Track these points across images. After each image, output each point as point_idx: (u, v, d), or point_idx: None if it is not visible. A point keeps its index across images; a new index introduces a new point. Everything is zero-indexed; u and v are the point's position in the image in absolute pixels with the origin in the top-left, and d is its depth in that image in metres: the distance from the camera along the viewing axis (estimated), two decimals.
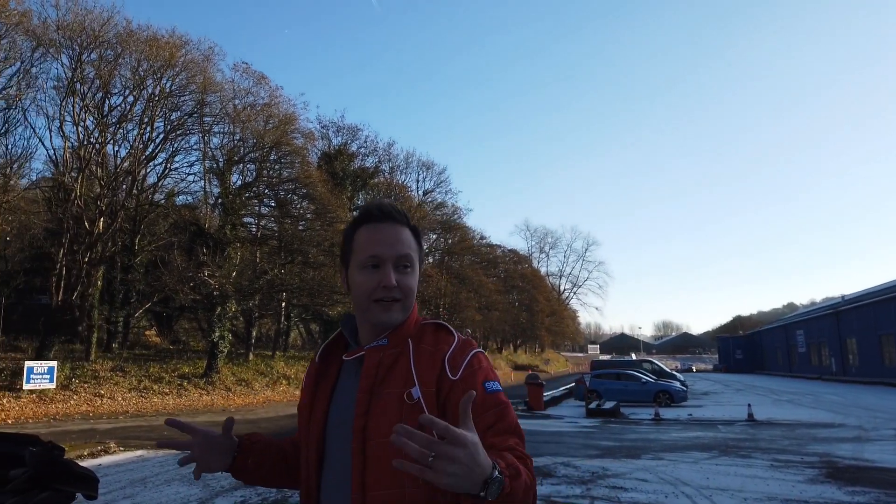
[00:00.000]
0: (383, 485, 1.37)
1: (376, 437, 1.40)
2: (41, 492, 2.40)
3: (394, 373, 1.47)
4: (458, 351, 1.49)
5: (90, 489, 2.65)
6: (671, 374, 30.98)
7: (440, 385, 1.44)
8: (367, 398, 1.44)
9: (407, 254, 1.53)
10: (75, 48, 25.19)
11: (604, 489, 7.99)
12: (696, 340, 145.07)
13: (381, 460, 1.38)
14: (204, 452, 1.57)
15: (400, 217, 1.57)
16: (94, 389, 22.28)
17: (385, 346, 1.51)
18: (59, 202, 25.90)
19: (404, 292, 1.52)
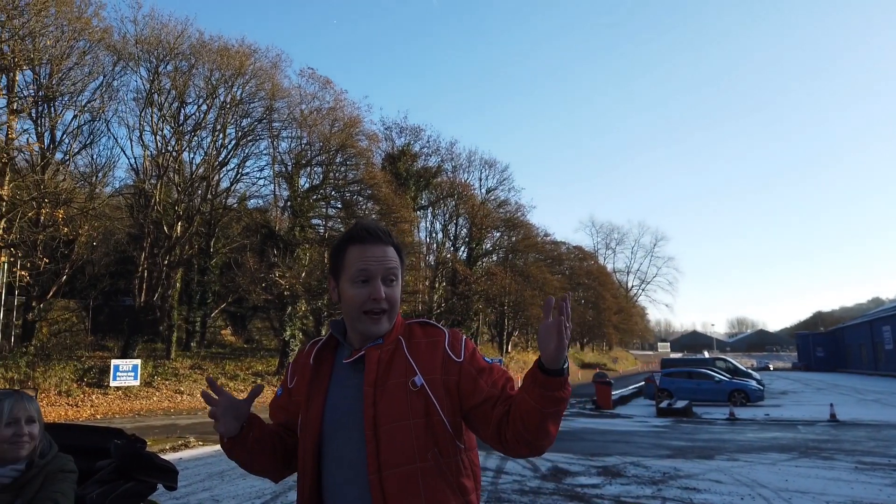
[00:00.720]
0: (396, 462, 1.56)
1: (386, 423, 1.60)
2: (125, 482, 2.56)
3: (394, 366, 1.67)
4: (454, 339, 1.74)
5: (170, 480, 2.81)
6: (746, 373, 29.83)
7: (447, 369, 1.67)
8: (373, 390, 1.63)
9: (393, 267, 1.73)
10: (152, 61, 26.44)
11: (676, 490, 7.80)
12: (773, 337, 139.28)
13: (394, 442, 1.58)
14: (224, 413, 1.69)
15: (385, 237, 1.75)
16: (174, 386, 23.36)
17: (381, 345, 1.71)
18: (140, 208, 27.24)
19: (391, 303, 1.72)
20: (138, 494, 2.54)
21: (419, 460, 1.57)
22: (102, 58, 24.60)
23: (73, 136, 25.13)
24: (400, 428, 1.58)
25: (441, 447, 1.61)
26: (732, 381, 24.40)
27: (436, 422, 1.61)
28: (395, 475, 1.55)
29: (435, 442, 1.60)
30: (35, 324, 24.89)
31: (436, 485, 1.58)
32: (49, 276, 24.31)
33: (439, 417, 1.62)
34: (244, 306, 35.78)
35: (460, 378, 1.66)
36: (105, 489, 2.39)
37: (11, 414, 2.20)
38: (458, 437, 1.66)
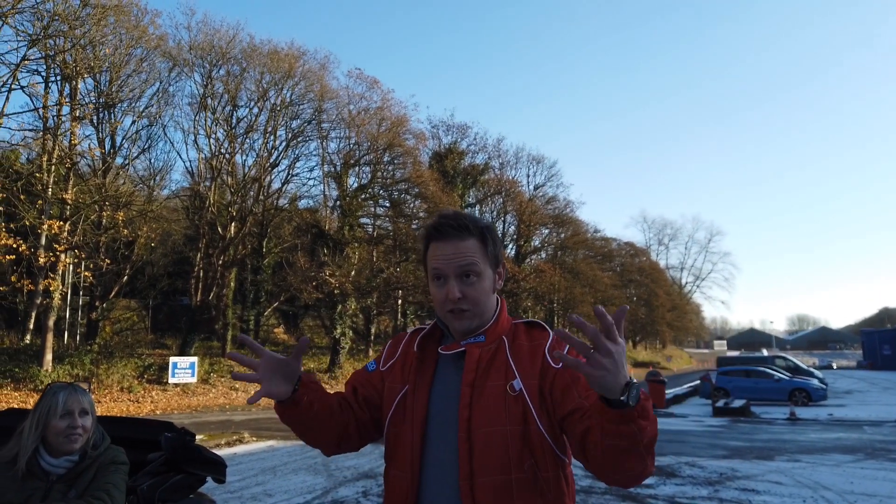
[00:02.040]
0: (490, 471, 1.47)
1: (481, 427, 1.51)
2: (175, 475, 2.60)
3: (493, 367, 1.58)
4: (556, 343, 1.60)
5: (219, 473, 2.84)
6: (808, 371, 28.73)
7: (544, 375, 1.55)
8: (470, 391, 1.55)
9: (468, 264, 1.59)
10: (206, 66, 27.16)
11: (733, 491, 7.54)
12: (835, 335, 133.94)
13: (488, 448, 1.49)
14: (268, 374, 1.57)
15: (459, 233, 1.62)
16: (229, 383, 23.93)
17: (483, 343, 1.61)
18: (196, 209, 28.01)
19: (471, 302, 1.60)
20: (188, 487, 2.58)
21: (514, 471, 1.48)
22: (158, 64, 25.43)
23: (131, 141, 26.07)
24: (495, 434, 1.50)
25: (538, 459, 1.51)
26: (793, 379, 23.53)
27: (533, 431, 1.51)
28: (488, 484, 1.47)
29: (531, 452, 1.50)
30: (98, 323, 25.90)
31: (531, 499, 1.48)
32: (111, 276, 25.25)
33: (536, 427, 1.52)
34: (296, 305, 36.46)
35: (554, 384, 1.54)
36: (155, 481, 2.44)
37: (65, 406, 2.25)
38: (560, 449, 1.55)
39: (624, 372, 1.27)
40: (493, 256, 1.66)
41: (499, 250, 1.69)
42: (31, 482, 2.18)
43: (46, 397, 2.28)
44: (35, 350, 20.58)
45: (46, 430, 2.23)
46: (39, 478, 2.20)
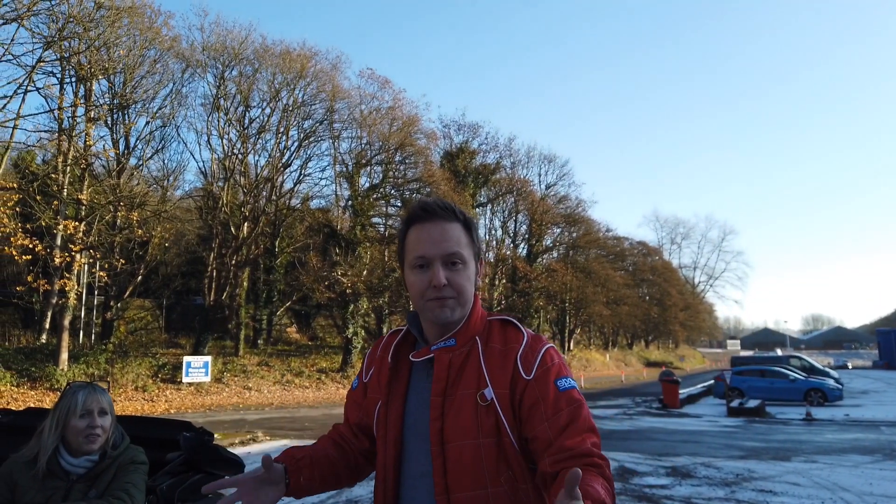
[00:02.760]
0: (466, 486, 1.40)
1: (454, 440, 1.42)
2: (194, 474, 2.60)
3: (465, 373, 1.48)
4: (529, 349, 1.49)
5: (237, 472, 2.84)
6: (824, 371, 28.46)
7: (514, 385, 1.44)
8: (440, 401, 1.46)
9: (455, 251, 1.50)
10: (218, 66, 27.30)
11: (750, 492, 7.46)
12: (851, 334, 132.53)
13: (462, 462, 1.41)
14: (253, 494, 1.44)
15: (446, 214, 1.54)
16: (242, 382, 24.07)
17: (453, 347, 1.51)
18: (209, 210, 28.16)
19: (456, 290, 1.50)
20: None
21: (491, 485, 1.40)
22: (172, 65, 25.56)
23: (145, 142, 26.23)
24: (469, 447, 1.42)
25: (515, 471, 1.43)
26: (808, 379, 23.32)
27: (506, 443, 1.43)
28: (465, 499, 1.40)
29: (508, 465, 1.42)
30: (113, 322, 26.09)
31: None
32: (125, 276, 25.44)
33: (509, 439, 1.43)
34: (308, 304, 36.55)
35: (523, 398, 1.44)
36: (175, 481, 2.43)
37: (85, 405, 2.25)
38: (530, 459, 1.46)
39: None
40: (477, 248, 1.58)
41: (481, 243, 1.61)
42: (51, 482, 2.19)
43: (66, 397, 2.28)
44: (51, 349, 20.76)
45: (66, 429, 2.24)
46: (60, 477, 2.20)
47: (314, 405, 21.70)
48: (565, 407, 1.41)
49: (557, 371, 1.47)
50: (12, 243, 17.05)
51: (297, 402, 22.66)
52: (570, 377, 1.48)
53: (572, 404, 1.42)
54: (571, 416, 1.41)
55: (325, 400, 23.63)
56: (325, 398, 24.11)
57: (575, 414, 1.41)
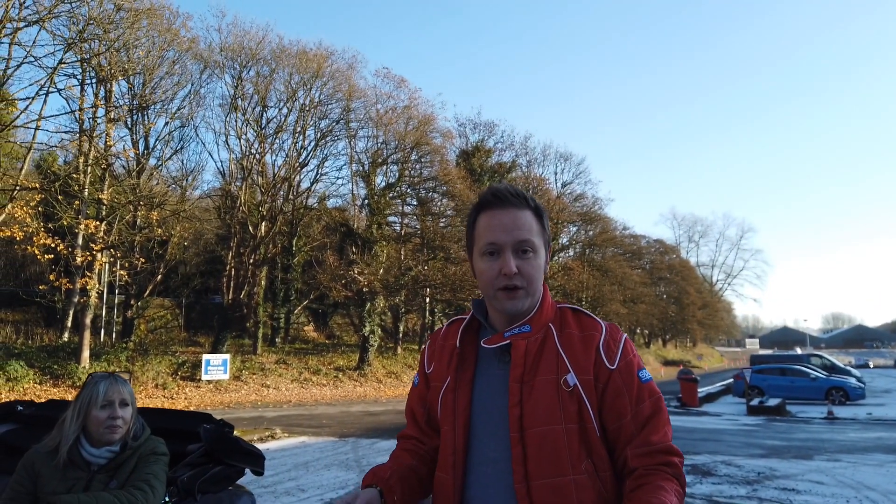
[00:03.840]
0: (547, 473, 1.38)
1: (534, 426, 1.41)
2: (215, 466, 2.61)
3: (542, 360, 1.47)
4: (611, 339, 1.49)
5: (257, 465, 2.84)
6: (845, 370, 28.05)
7: (597, 373, 1.45)
8: (519, 387, 1.44)
9: (526, 239, 1.49)
10: (236, 67, 27.53)
11: (773, 490, 7.37)
12: (872, 333, 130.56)
13: (543, 448, 1.39)
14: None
15: (518, 200, 1.52)
16: (261, 380, 24.22)
17: (528, 333, 1.49)
18: (227, 209, 28.40)
19: (526, 279, 1.48)
20: (227, 478, 2.58)
21: (573, 471, 1.39)
22: (190, 66, 25.81)
23: (164, 143, 26.50)
24: (551, 433, 1.40)
25: (596, 458, 1.42)
26: (830, 378, 23.00)
27: (589, 429, 1.42)
28: (546, 486, 1.38)
29: (589, 452, 1.42)
30: (134, 321, 26.39)
31: (593, 499, 1.39)
32: (145, 275, 25.72)
33: (592, 425, 1.42)
34: (325, 303, 36.71)
35: (606, 388, 1.44)
36: (195, 472, 2.44)
37: (106, 396, 2.27)
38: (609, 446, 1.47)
39: None
40: (547, 236, 1.57)
41: (549, 232, 1.59)
42: (72, 472, 2.20)
43: (87, 387, 2.30)
44: (73, 347, 21.04)
45: (87, 420, 2.25)
46: (81, 468, 2.22)
47: (332, 403, 21.79)
48: (647, 398, 1.44)
49: (638, 362, 1.49)
50: (35, 242, 17.30)
51: (315, 399, 22.78)
52: (645, 369, 1.50)
53: (654, 396, 1.46)
54: (654, 409, 1.45)
55: (343, 398, 23.72)
56: (342, 396, 24.20)
57: (657, 406, 1.45)
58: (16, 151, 22.93)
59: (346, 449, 10.74)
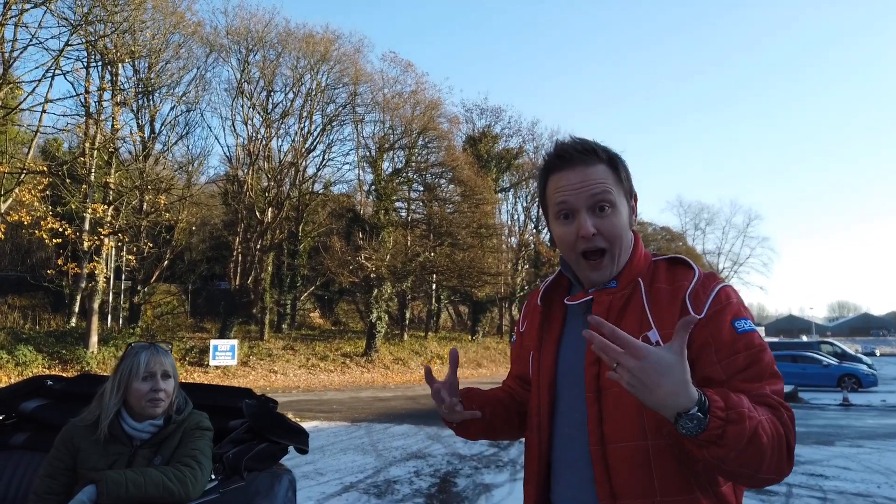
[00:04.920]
0: (624, 436, 1.29)
1: (612, 386, 1.31)
2: (259, 443, 2.46)
3: (626, 316, 1.36)
4: (701, 286, 1.33)
5: (302, 443, 2.70)
6: (855, 357, 27.91)
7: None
8: None
9: (601, 192, 1.37)
10: (242, 51, 27.26)
11: (800, 476, 7.24)
12: (878, 321, 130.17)
13: (620, 410, 1.30)
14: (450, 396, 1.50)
15: (586, 156, 1.40)
16: (268, 366, 24.20)
17: (614, 289, 1.39)
18: (234, 194, 28.29)
19: (608, 238, 1.38)
20: (272, 456, 2.44)
21: (651, 436, 1.27)
22: (196, 50, 25.57)
23: (170, 128, 26.31)
24: (628, 394, 1.25)
25: None
26: (842, 365, 22.85)
27: None
28: (623, 451, 1.28)
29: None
30: (140, 306, 26.35)
31: (674, 469, 1.26)
32: (152, 261, 25.65)
33: None
34: (331, 290, 36.68)
35: (693, 341, 1.27)
36: (240, 449, 2.30)
37: (147, 367, 2.12)
38: None
39: (664, 394, 1.07)
40: (628, 186, 1.44)
41: (631, 180, 1.46)
42: (114, 447, 2.06)
43: (127, 358, 2.15)
44: (80, 332, 21.01)
45: (128, 392, 2.11)
46: (123, 442, 2.08)
47: (340, 388, 21.74)
48: (743, 350, 1.26)
49: (736, 311, 1.30)
50: (42, 227, 17.20)
51: (324, 385, 22.73)
52: (750, 319, 1.31)
53: (751, 348, 1.26)
54: (750, 361, 1.25)
55: (351, 384, 23.67)
56: (350, 382, 24.16)
57: (755, 358, 1.25)
58: (21, 137, 22.80)
59: (360, 433, 10.65)
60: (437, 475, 7.36)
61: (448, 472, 7.58)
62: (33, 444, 2.42)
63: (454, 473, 7.49)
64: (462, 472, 7.58)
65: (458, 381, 1.53)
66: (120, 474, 1.90)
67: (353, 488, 6.66)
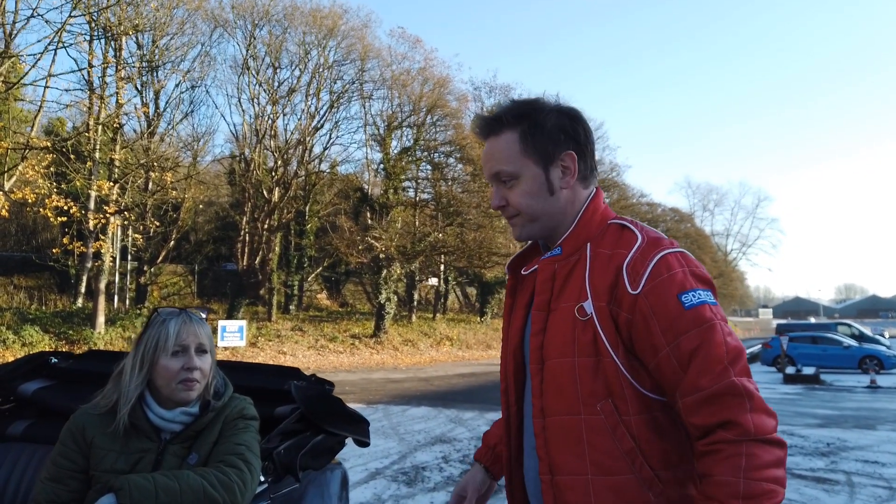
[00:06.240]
0: (559, 409, 1.26)
1: (552, 357, 1.27)
2: (314, 434, 2.00)
3: (569, 284, 1.30)
4: (640, 255, 1.22)
5: (363, 433, 2.23)
6: (874, 338, 27.45)
7: (618, 300, 1.21)
8: (543, 315, 1.31)
9: (498, 170, 1.36)
10: (248, 26, 26.58)
11: (854, 463, 6.81)
12: (886, 303, 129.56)
13: (556, 382, 1.26)
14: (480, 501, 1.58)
15: (491, 127, 1.37)
16: (277, 347, 23.85)
17: (558, 256, 1.33)
18: (241, 173, 27.79)
19: (516, 207, 1.36)
20: (330, 451, 1.97)
21: (584, 411, 1.21)
22: (200, 25, 24.93)
23: (175, 105, 25.73)
24: (563, 365, 1.24)
25: (616, 397, 1.20)
26: (863, 346, 22.38)
27: (607, 365, 1.21)
28: (557, 424, 1.25)
29: (608, 391, 1.20)
30: (147, 287, 26.00)
31: (607, 448, 1.19)
32: (158, 241, 25.25)
33: (612, 360, 1.21)
34: (337, 271, 36.29)
35: (632, 318, 1.19)
36: (293, 443, 1.83)
37: (178, 340, 1.64)
38: (646, 386, 1.21)
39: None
40: (543, 147, 1.33)
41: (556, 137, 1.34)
42: (136, 442, 1.61)
43: (153, 328, 1.67)
44: (87, 313, 20.67)
45: (154, 372, 1.64)
46: (148, 436, 1.62)
47: (350, 370, 21.40)
48: (692, 328, 1.15)
49: (680, 283, 1.18)
50: (47, 205, 16.78)
51: (334, 366, 22.38)
52: (698, 289, 1.19)
53: (701, 324, 1.15)
54: (700, 340, 1.15)
55: (361, 365, 23.33)
56: (360, 363, 23.81)
57: (704, 337, 1.15)
58: (24, 115, 22.31)
59: (378, 416, 10.24)
60: (466, 461, 6.95)
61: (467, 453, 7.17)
62: (34, 435, 1.97)
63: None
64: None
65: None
66: (147, 479, 1.45)
67: (379, 475, 6.26)
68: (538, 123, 1.34)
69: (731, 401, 1.10)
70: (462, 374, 19.55)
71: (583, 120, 1.40)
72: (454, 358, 27.64)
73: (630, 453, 1.18)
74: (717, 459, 1.10)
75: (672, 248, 1.24)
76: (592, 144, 1.42)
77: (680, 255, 1.23)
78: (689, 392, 1.14)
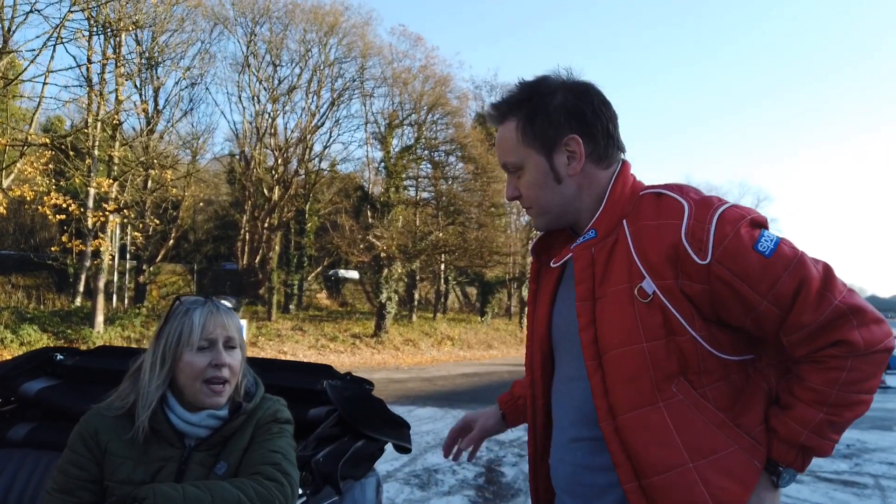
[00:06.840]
0: (633, 403, 1.15)
1: (612, 348, 1.18)
2: (353, 440, 1.79)
3: (613, 266, 1.21)
4: (695, 222, 1.14)
5: (405, 439, 2.04)
6: None
7: (686, 272, 1.13)
8: (589, 305, 1.21)
9: (506, 161, 1.33)
10: (248, 23, 26.38)
11: (879, 465, 6.64)
12: (884, 304, 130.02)
13: (624, 372, 1.16)
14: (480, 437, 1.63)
15: (497, 116, 1.32)
16: (278, 347, 23.65)
17: (594, 240, 1.24)
18: (242, 171, 27.58)
19: (528, 199, 1.33)
20: (370, 458, 1.77)
21: (661, 397, 1.13)
22: (200, 22, 24.74)
23: (174, 104, 25.52)
24: (630, 354, 1.15)
25: (692, 376, 1.14)
26: None
27: (684, 341, 1.13)
28: (635, 421, 1.14)
29: (682, 368, 1.14)
30: (146, 286, 25.79)
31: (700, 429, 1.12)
32: (157, 240, 25.04)
33: (690, 336, 1.13)
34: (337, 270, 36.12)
35: (711, 287, 1.11)
36: (332, 450, 1.62)
37: (205, 333, 1.44)
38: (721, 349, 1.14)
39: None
40: (543, 135, 1.26)
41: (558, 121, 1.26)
42: (157, 449, 1.40)
43: (175, 319, 1.47)
44: (86, 312, 20.48)
45: (177, 369, 1.44)
46: (171, 442, 1.41)
47: (352, 369, 20.98)
48: (783, 272, 1.09)
49: (749, 236, 1.12)
50: (46, 203, 16.57)
51: (335, 366, 22.14)
52: (765, 231, 1.14)
53: (789, 265, 1.10)
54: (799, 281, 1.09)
55: (362, 365, 23.13)
56: (361, 363, 23.62)
57: (801, 276, 1.09)
58: (21, 113, 22.09)
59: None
60: (479, 463, 6.76)
61: (491, 459, 6.97)
62: (38, 440, 1.77)
63: (498, 461, 6.89)
64: (506, 459, 6.97)
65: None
66: (176, 489, 1.24)
67: (390, 478, 6.06)
68: (539, 108, 1.27)
69: (837, 324, 1.07)
70: (465, 374, 19.39)
71: (592, 95, 1.30)
72: (456, 358, 27.48)
73: (722, 426, 1.13)
74: (819, 369, 1.09)
75: (722, 205, 1.16)
76: (606, 120, 1.30)
77: (734, 208, 1.16)
78: (793, 330, 1.10)
